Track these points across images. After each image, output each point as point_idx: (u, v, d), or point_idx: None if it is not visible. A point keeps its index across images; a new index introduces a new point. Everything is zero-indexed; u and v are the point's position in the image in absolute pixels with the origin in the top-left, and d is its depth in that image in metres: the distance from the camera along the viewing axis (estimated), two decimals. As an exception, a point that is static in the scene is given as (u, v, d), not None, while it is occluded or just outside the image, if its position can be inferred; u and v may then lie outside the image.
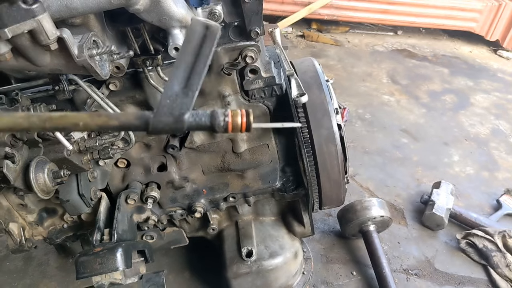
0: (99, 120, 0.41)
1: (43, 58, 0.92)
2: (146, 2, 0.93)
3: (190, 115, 0.42)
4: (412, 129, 3.10)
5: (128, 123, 0.42)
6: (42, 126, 0.41)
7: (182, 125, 0.42)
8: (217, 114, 0.42)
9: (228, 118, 0.42)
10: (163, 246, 1.66)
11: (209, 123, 0.42)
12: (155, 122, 0.41)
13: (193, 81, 0.42)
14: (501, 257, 1.97)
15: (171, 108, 0.42)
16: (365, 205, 1.95)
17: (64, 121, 0.41)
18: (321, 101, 1.43)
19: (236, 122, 0.43)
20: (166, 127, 0.42)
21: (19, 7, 0.76)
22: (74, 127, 0.41)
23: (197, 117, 0.42)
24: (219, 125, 0.42)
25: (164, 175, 1.45)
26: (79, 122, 0.41)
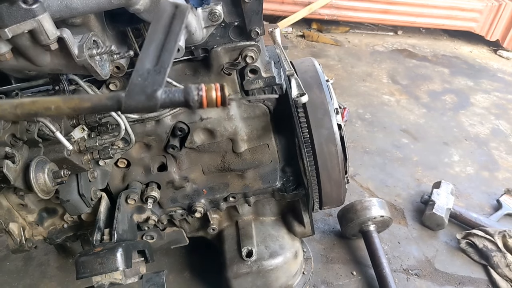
0: (72, 103, 0.40)
1: (43, 58, 0.92)
2: (146, 2, 0.93)
3: (162, 92, 0.41)
4: (412, 129, 3.10)
5: (100, 104, 0.41)
6: (14, 112, 0.40)
7: (155, 102, 0.41)
8: (191, 89, 0.41)
9: (202, 93, 0.41)
10: (163, 246, 1.66)
11: (183, 99, 0.41)
12: (128, 101, 0.40)
13: (164, 59, 0.41)
14: (501, 257, 1.97)
15: (143, 86, 0.41)
16: (365, 205, 1.95)
17: (35, 106, 0.40)
18: (321, 101, 1.43)
19: (210, 96, 0.42)
20: (139, 105, 0.41)
21: (19, 7, 0.76)
22: (46, 111, 0.40)
23: (170, 93, 0.41)
24: (193, 100, 0.41)
25: (164, 175, 1.45)
26: (50, 106, 0.40)
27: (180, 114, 1.37)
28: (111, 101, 0.40)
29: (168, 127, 1.37)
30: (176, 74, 1.28)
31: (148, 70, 0.41)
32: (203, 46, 1.22)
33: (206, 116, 1.37)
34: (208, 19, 1.13)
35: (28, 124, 1.09)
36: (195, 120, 1.37)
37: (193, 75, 1.30)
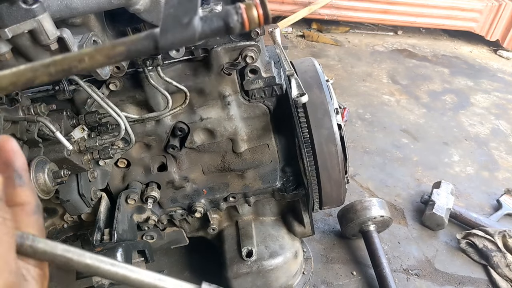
0: (104, 50, 0.38)
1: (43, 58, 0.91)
2: (146, 2, 0.93)
3: (198, 19, 0.37)
4: (412, 129, 3.10)
5: (135, 46, 0.38)
6: (48, 71, 0.38)
7: (193, 32, 0.37)
8: (229, 12, 0.37)
9: (242, 12, 0.37)
10: (163, 246, 1.66)
11: (222, 23, 0.37)
12: (163, 37, 0.37)
13: None
14: (501, 257, 1.97)
15: (177, 17, 0.37)
16: (365, 205, 1.95)
17: (68, 60, 0.38)
18: (321, 101, 1.43)
19: (252, 15, 0.37)
20: (176, 39, 0.37)
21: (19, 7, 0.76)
22: (80, 63, 0.38)
23: (207, 20, 0.37)
24: (234, 22, 0.37)
25: (164, 175, 1.45)
26: (84, 58, 0.38)
27: (180, 114, 1.37)
28: (146, 41, 0.38)
29: (168, 127, 1.37)
30: (176, 74, 1.28)
31: (178, 0, 0.37)
32: (203, 46, 1.22)
33: (206, 116, 1.37)
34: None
35: (28, 124, 1.09)
36: (195, 120, 1.37)
37: (193, 75, 1.30)
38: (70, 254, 0.39)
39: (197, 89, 1.32)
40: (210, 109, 1.37)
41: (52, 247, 0.39)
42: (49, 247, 0.39)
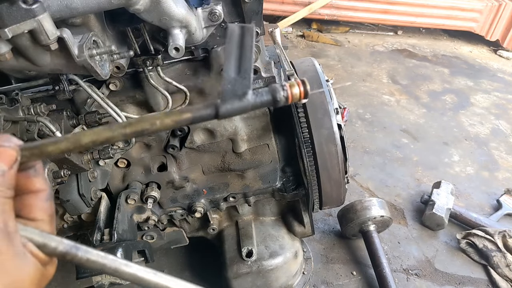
0: (173, 116, 0.45)
1: (43, 58, 0.92)
2: (146, 2, 0.93)
3: (251, 93, 0.45)
4: (412, 129, 3.10)
5: (200, 114, 0.45)
6: (123, 132, 0.44)
7: (248, 103, 0.45)
8: (277, 89, 0.45)
9: (287, 89, 0.46)
10: (163, 246, 1.66)
11: (270, 97, 0.46)
12: (223, 106, 0.45)
13: (245, 67, 0.46)
14: (501, 257, 1.97)
15: (234, 91, 0.45)
16: (365, 205, 1.95)
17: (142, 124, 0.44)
18: (321, 101, 1.43)
19: (295, 92, 0.46)
20: (233, 108, 0.45)
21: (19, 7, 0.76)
22: (151, 126, 0.44)
23: (258, 94, 0.46)
24: (280, 97, 0.46)
25: (164, 175, 1.45)
26: (156, 122, 0.44)
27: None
28: (209, 109, 0.45)
29: (168, 127, 1.37)
30: (176, 74, 1.28)
31: (235, 78, 0.45)
32: (203, 46, 1.22)
33: (206, 116, 1.37)
34: (208, 19, 1.13)
35: (28, 124, 1.09)
36: (195, 120, 1.37)
37: (193, 75, 1.30)
38: (117, 264, 0.44)
39: (197, 89, 1.32)
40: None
41: (102, 257, 0.44)
42: (100, 258, 0.44)
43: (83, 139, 0.44)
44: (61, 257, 0.44)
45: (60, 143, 0.44)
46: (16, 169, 0.43)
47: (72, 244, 0.43)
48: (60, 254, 0.43)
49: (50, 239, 0.43)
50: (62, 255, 0.43)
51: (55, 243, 0.43)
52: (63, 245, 0.43)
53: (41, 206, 0.46)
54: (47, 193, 0.47)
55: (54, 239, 0.43)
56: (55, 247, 0.43)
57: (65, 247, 0.43)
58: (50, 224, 0.47)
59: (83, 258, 0.43)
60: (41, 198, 0.46)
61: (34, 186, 0.46)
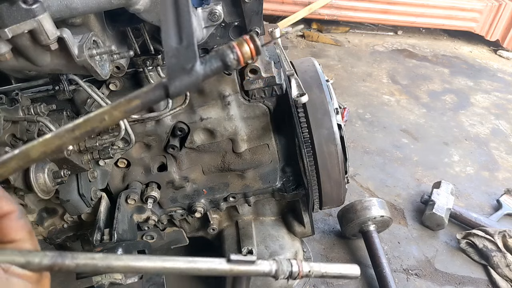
0: (121, 106, 0.41)
1: (43, 58, 0.92)
2: (146, 2, 0.93)
3: (200, 64, 0.41)
4: (412, 129, 3.10)
5: (149, 98, 0.42)
6: (73, 136, 0.42)
7: (197, 76, 0.41)
8: (225, 52, 0.41)
9: (237, 51, 0.41)
10: (163, 246, 1.66)
11: (220, 63, 0.42)
12: (172, 85, 0.41)
13: (186, 32, 0.41)
14: (501, 257, 1.97)
15: (180, 65, 0.41)
16: (365, 205, 1.95)
17: (90, 123, 0.42)
18: (321, 101, 1.43)
19: (245, 51, 0.42)
20: (183, 85, 0.41)
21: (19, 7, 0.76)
22: (101, 123, 0.41)
23: (207, 63, 0.42)
24: (231, 61, 0.41)
25: (164, 175, 1.45)
26: (104, 117, 0.41)
27: (180, 114, 1.37)
28: (158, 91, 0.42)
29: (168, 127, 1.37)
30: (176, 74, 1.28)
31: (177, 48, 0.41)
32: (203, 46, 1.22)
33: (206, 116, 1.37)
34: (208, 19, 1.13)
35: (28, 124, 1.09)
36: (195, 120, 1.37)
37: (193, 75, 1.30)
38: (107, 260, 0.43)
39: (197, 89, 1.32)
40: (210, 109, 1.37)
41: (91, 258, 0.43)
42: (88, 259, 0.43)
43: (32, 154, 0.42)
44: (48, 269, 0.43)
45: (9, 162, 0.42)
46: None
47: (57, 254, 0.42)
48: (46, 267, 0.42)
49: (31, 256, 0.42)
50: (49, 267, 0.42)
51: (38, 258, 0.42)
52: (47, 257, 0.42)
53: (15, 226, 0.45)
54: (17, 213, 0.46)
55: (35, 254, 0.42)
56: (39, 262, 0.42)
57: (50, 259, 0.42)
58: (31, 241, 0.46)
59: (71, 265, 0.42)
60: (12, 219, 0.45)
61: (1, 211, 0.45)
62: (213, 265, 0.48)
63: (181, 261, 0.46)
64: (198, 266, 0.47)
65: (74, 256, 0.42)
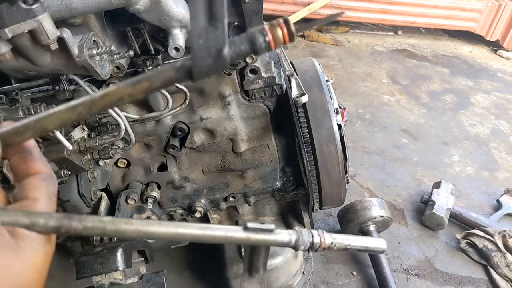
0: (142, 86, 0.40)
1: (43, 58, 0.92)
2: (146, 2, 0.93)
3: (227, 47, 0.38)
4: (412, 129, 3.10)
5: (170, 79, 0.40)
6: (89, 112, 0.40)
7: (224, 61, 0.39)
8: (255, 35, 0.38)
9: (268, 35, 0.38)
10: (163, 246, 1.66)
11: (249, 48, 0.39)
12: (196, 68, 0.39)
13: (217, 9, 0.37)
14: (501, 257, 1.97)
15: (207, 47, 0.38)
16: (365, 205, 1.95)
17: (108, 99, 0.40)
18: (321, 101, 1.42)
19: (277, 35, 0.39)
20: (208, 69, 0.39)
21: (19, 7, 0.76)
22: (120, 101, 0.40)
23: (236, 47, 0.39)
24: (261, 46, 0.39)
25: (164, 175, 1.45)
26: (124, 97, 0.40)
27: (180, 114, 1.37)
28: (180, 73, 0.39)
29: (168, 127, 1.37)
30: (176, 74, 1.28)
31: (205, 27, 0.37)
32: (203, 46, 1.22)
33: (206, 116, 1.37)
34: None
35: (28, 124, 1.09)
36: (195, 120, 1.37)
37: (193, 75, 1.30)
38: (117, 224, 0.40)
39: (197, 89, 1.32)
40: (210, 109, 1.37)
41: (99, 221, 0.40)
42: (97, 222, 0.40)
43: (48, 126, 0.41)
44: (55, 231, 0.40)
45: (24, 133, 0.41)
46: None
47: (63, 215, 0.39)
48: (52, 229, 0.39)
49: (36, 216, 0.39)
50: (55, 229, 0.39)
51: (44, 219, 0.39)
52: (53, 219, 0.39)
53: (37, 185, 0.44)
54: (45, 174, 0.45)
55: (40, 215, 0.39)
56: (45, 223, 0.39)
57: (56, 220, 0.39)
58: (47, 203, 0.44)
59: (78, 227, 0.39)
60: (37, 178, 0.45)
61: (33, 169, 0.45)
62: (229, 233, 0.45)
63: (195, 227, 0.43)
64: (213, 233, 0.44)
65: (82, 218, 0.40)
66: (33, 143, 0.46)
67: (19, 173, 0.45)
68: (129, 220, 0.42)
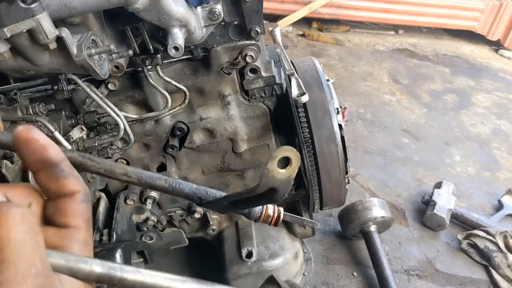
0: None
1: (42, 58, 0.91)
2: (146, 1, 0.92)
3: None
4: (413, 129, 3.09)
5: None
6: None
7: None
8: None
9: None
10: (163, 246, 1.66)
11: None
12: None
13: None
14: (502, 258, 1.96)
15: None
16: (366, 205, 1.94)
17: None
18: (322, 101, 1.42)
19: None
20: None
21: (18, 6, 0.76)
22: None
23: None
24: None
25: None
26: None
27: (180, 113, 1.36)
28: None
29: (168, 127, 1.36)
30: (176, 73, 1.28)
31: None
32: (202, 46, 1.21)
33: (206, 116, 1.37)
34: (208, 18, 1.12)
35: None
36: (195, 120, 1.37)
37: (192, 75, 1.29)
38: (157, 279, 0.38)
39: (197, 89, 1.31)
40: (210, 108, 1.37)
41: (141, 275, 0.37)
42: (139, 276, 0.37)
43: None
44: (98, 281, 0.36)
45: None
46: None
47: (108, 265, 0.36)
48: (97, 278, 0.35)
49: (83, 262, 0.35)
50: (99, 279, 0.35)
51: (89, 266, 0.35)
52: (98, 266, 0.35)
53: (75, 210, 0.39)
54: (82, 194, 0.40)
55: (87, 261, 0.35)
56: (90, 271, 0.35)
57: (103, 269, 0.35)
58: (86, 230, 0.40)
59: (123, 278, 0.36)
60: (76, 200, 0.39)
61: (68, 188, 0.39)
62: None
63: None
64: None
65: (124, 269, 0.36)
66: (61, 155, 0.39)
67: (51, 192, 0.39)
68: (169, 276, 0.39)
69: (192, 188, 0.44)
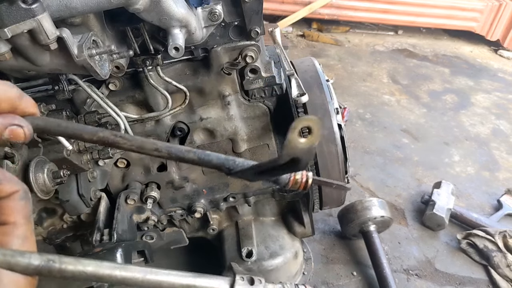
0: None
1: (42, 58, 0.91)
2: (146, 2, 0.92)
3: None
4: (412, 129, 3.09)
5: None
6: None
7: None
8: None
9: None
10: (163, 246, 1.66)
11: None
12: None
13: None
14: (501, 257, 1.96)
15: None
16: (365, 205, 1.95)
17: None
18: (322, 101, 1.42)
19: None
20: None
21: (18, 7, 0.76)
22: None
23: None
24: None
25: (164, 175, 1.45)
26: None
27: (180, 114, 1.36)
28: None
29: (168, 127, 1.37)
30: (176, 73, 1.28)
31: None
32: (203, 46, 1.21)
33: (206, 116, 1.37)
34: (208, 19, 1.12)
35: (27, 124, 1.08)
36: (195, 120, 1.37)
37: (193, 75, 1.29)
38: (100, 268, 0.39)
39: (197, 89, 1.31)
40: (210, 109, 1.37)
41: (82, 265, 0.38)
42: (79, 266, 0.38)
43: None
44: (37, 273, 0.37)
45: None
46: None
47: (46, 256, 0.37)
48: (35, 271, 0.37)
49: (20, 256, 0.36)
50: (38, 271, 0.37)
51: (26, 259, 0.36)
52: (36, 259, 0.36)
53: (14, 207, 0.40)
54: (20, 192, 0.41)
55: (23, 255, 0.36)
56: (28, 263, 0.36)
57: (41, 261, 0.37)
58: (26, 226, 0.41)
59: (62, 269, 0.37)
60: (14, 198, 0.40)
61: (2, 193, 0.40)
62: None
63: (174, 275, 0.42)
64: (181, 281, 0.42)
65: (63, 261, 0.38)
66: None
67: None
68: (113, 265, 0.40)
69: (221, 159, 0.46)
